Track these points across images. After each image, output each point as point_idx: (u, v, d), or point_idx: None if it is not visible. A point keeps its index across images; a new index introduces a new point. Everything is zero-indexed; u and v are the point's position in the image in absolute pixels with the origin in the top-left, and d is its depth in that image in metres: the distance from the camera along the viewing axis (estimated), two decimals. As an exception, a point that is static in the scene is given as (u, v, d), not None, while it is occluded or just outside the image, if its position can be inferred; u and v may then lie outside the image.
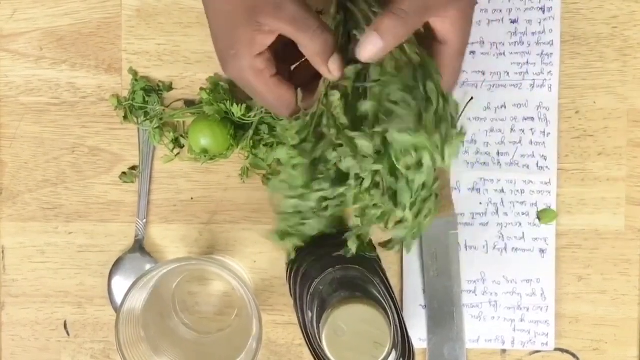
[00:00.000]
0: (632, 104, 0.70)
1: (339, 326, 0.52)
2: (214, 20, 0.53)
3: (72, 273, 0.71)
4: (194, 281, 0.72)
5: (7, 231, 0.71)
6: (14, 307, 0.72)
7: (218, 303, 0.72)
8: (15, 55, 0.71)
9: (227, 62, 0.53)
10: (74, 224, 0.71)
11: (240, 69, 0.53)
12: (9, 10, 0.70)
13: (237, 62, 0.52)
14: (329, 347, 0.52)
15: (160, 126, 0.70)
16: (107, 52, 0.71)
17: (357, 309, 0.52)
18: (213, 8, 0.53)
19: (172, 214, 0.71)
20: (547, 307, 0.70)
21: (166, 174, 0.71)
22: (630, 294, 0.71)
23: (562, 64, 0.70)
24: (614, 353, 0.71)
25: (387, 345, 0.53)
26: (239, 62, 0.52)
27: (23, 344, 0.72)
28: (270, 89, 0.54)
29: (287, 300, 0.69)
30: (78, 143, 0.71)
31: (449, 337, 0.70)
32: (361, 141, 0.50)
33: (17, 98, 0.71)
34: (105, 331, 0.72)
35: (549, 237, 0.70)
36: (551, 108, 0.70)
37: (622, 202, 0.70)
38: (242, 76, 0.53)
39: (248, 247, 0.71)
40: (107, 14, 0.70)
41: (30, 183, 0.71)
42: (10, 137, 0.71)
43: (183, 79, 0.70)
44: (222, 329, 0.72)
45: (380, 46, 0.50)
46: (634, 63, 0.70)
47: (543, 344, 0.71)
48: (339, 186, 0.52)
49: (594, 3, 0.70)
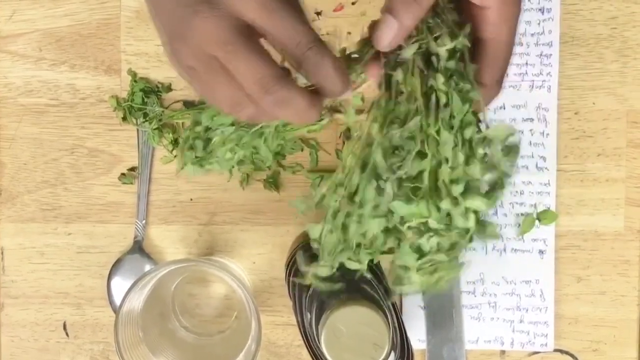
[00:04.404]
0: (632, 105, 0.70)
1: (337, 328, 0.52)
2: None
3: (71, 274, 0.71)
4: (193, 282, 0.72)
5: (7, 232, 0.71)
6: (14, 308, 0.72)
7: (217, 305, 0.72)
8: (14, 56, 0.71)
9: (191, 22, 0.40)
10: (73, 225, 0.71)
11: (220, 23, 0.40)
12: (8, 11, 0.70)
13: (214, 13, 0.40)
14: (328, 348, 0.53)
15: (160, 127, 0.70)
16: (106, 53, 0.71)
17: (356, 311, 0.53)
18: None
19: (171, 215, 0.71)
20: (546, 308, 0.70)
21: (165, 175, 0.71)
22: (630, 295, 0.71)
23: (561, 65, 0.70)
24: (613, 354, 0.71)
25: (385, 346, 0.53)
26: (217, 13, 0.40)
27: (22, 345, 0.72)
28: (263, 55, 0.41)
29: (286, 301, 0.69)
30: (77, 144, 0.71)
31: (448, 338, 0.70)
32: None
33: (16, 99, 0.71)
34: (104, 332, 0.72)
35: (548, 238, 0.70)
36: (550, 109, 0.70)
37: (621, 203, 0.70)
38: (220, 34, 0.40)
39: (247, 248, 0.71)
40: (106, 15, 0.70)
41: (29, 184, 0.71)
42: (9, 138, 0.71)
43: (182, 80, 0.70)
44: (222, 331, 0.72)
45: (396, 28, 0.44)
46: (633, 64, 0.70)
47: (542, 345, 0.71)
48: None
49: (593, 4, 0.70)
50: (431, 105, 0.44)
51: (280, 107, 0.42)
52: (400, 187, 0.44)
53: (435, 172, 0.44)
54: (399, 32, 0.44)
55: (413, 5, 0.44)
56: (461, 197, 0.44)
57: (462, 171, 0.44)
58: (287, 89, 0.42)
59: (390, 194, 0.44)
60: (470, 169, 0.44)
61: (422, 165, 0.44)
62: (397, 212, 0.44)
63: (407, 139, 0.45)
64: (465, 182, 0.44)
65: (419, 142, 0.44)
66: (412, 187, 0.44)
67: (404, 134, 0.44)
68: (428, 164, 0.44)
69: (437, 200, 0.44)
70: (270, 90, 0.41)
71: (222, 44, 0.41)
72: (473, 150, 0.44)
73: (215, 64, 0.42)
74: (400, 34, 0.45)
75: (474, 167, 0.44)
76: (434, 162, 0.44)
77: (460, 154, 0.44)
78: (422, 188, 0.44)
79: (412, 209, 0.44)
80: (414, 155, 0.44)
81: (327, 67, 0.42)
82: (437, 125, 0.44)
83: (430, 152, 0.44)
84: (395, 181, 0.44)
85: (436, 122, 0.44)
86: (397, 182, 0.44)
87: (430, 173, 0.44)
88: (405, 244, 0.46)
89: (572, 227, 0.70)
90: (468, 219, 0.44)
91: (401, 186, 0.44)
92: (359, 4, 0.70)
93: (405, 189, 0.44)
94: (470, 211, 0.44)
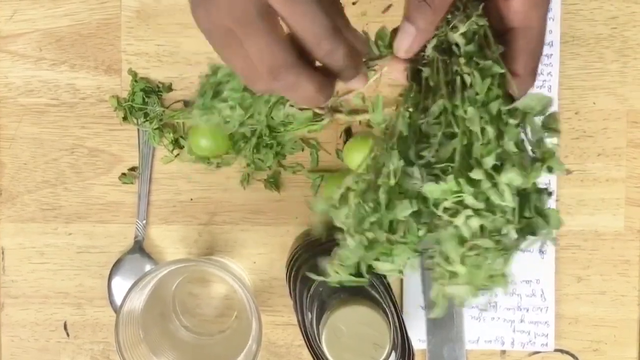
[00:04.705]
0: (632, 105, 0.70)
1: (338, 327, 0.52)
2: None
3: (71, 274, 0.71)
4: (193, 282, 0.72)
5: (7, 232, 0.71)
6: (14, 308, 0.72)
7: (218, 305, 0.72)
8: (14, 56, 0.71)
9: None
10: (73, 224, 0.71)
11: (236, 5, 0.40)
12: (8, 11, 0.70)
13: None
14: (329, 348, 0.53)
15: (160, 127, 0.70)
16: (106, 53, 0.71)
17: (356, 311, 0.53)
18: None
19: (171, 215, 0.71)
20: (546, 308, 0.70)
21: (166, 175, 0.71)
22: (630, 295, 0.71)
23: (561, 65, 0.70)
24: (614, 354, 0.71)
25: (386, 346, 0.53)
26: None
27: (23, 344, 0.72)
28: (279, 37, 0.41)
29: (287, 301, 0.69)
30: (77, 144, 0.71)
31: (448, 337, 0.70)
32: None
33: (16, 99, 0.71)
34: (104, 332, 0.72)
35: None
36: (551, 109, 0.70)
37: (621, 202, 0.70)
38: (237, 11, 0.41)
39: (247, 248, 0.71)
40: (107, 14, 0.70)
41: (29, 184, 0.71)
42: (9, 138, 0.71)
43: (182, 79, 0.70)
44: (222, 331, 0.72)
45: (413, 34, 0.44)
46: (633, 64, 0.70)
47: (543, 345, 0.71)
48: None
49: (593, 4, 0.70)
50: (456, 88, 0.44)
51: (289, 91, 0.43)
52: (431, 172, 0.42)
53: (468, 152, 0.42)
54: (416, 38, 0.45)
55: (427, 11, 0.44)
56: (494, 171, 0.41)
57: (495, 146, 0.42)
58: (295, 75, 0.42)
59: (419, 177, 0.42)
60: (504, 143, 0.42)
61: (451, 145, 0.42)
62: (429, 195, 0.42)
63: (434, 125, 0.43)
64: (499, 155, 0.41)
65: (444, 124, 0.43)
66: (442, 168, 0.42)
67: (430, 121, 0.44)
68: (458, 144, 0.42)
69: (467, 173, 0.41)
70: (279, 77, 0.42)
71: (238, 22, 0.41)
72: (504, 124, 0.42)
73: (233, 36, 0.42)
74: (418, 40, 0.45)
75: (507, 141, 0.42)
76: (465, 142, 0.42)
77: (489, 129, 0.42)
78: (453, 167, 0.42)
79: (443, 186, 0.41)
80: (440, 136, 0.43)
81: (338, 58, 0.42)
82: (463, 106, 0.43)
83: (460, 131, 0.42)
84: (424, 167, 0.43)
85: (462, 102, 0.43)
86: (427, 167, 0.43)
87: (462, 153, 0.42)
88: (444, 231, 0.42)
89: (572, 227, 0.70)
90: (503, 195, 0.41)
91: (432, 171, 0.42)
92: (360, 4, 0.70)
93: (435, 171, 0.42)
94: (505, 185, 0.41)
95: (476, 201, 0.41)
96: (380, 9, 0.48)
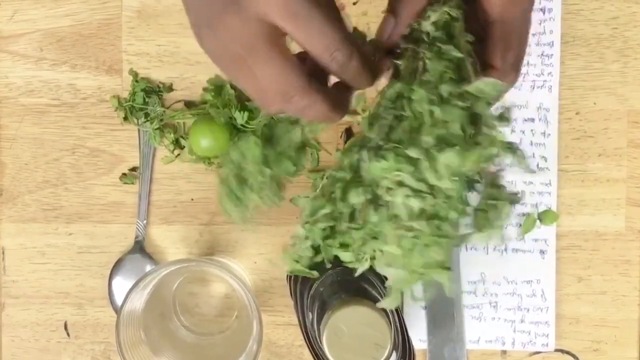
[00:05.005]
0: (632, 105, 0.70)
1: (339, 328, 0.52)
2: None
3: (72, 274, 0.71)
4: (194, 282, 0.72)
5: (8, 232, 0.71)
6: (14, 308, 0.72)
7: (218, 304, 0.72)
8: (15, 56, 0.71)
9: (220, 17, 0.40)
10: (74, 225, 0.71)
11: (245, 26, 0.40)
12: (9, 12, 0.70)
13: (242, 15, 0.39)
14: (330, 348, 0.53)
15: (161, 127, 0.70)
16: (107, 53, 0.71)
17: (357, 311, 0.53)
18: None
19: (172, 215, 0.71)
20: (547, 308, 0.70)
21: (166, 175, 0.71)
22: (631, 295, 0.71)
23: (562, 65, 0.70)
24: (614, 354, 0.71)
25: (387, 346, 0.53)
26: (244, 16, 0.39)
27: (23, 345, 0.72)
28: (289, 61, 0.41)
29: (288, 301, 0.69)
30: (78, 144, 0.71)
31: (449, 338, 0.70)
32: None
33: (17, 99, 0.71)
34: (105, 332, 0.72)
35: (549, 238, 0.70)
36: (551, 109, 0.70)
37: (622, 203, 0.70)
38: (244, 38, 0.40)
39: (248, 248, 0.71)
40: (108, 15, 0.70)
41: (30, 184, 0.71)
42: (10, 138, 0.71)
43: (183, 80, 0.70)
44: (223, 331, 0.72)
45: (392, 22, 0.45)
46: (634, 64, 0.70)
47: (543, 345, 0.71)
48: None
49: (594, 4, 0.70)
50: (418, 74, 0.43)
51: (303, 113, 0.43)
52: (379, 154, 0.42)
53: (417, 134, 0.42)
54: (396, 25, 0.46)
55: (407, 1, 0.46)
56: (436, 151, 0.40)
57: (439, 127, 0.41)
58: (308, 97, 0.42)
59: (366, 160, 0.42)
60: (448, 125, 0.41)
61: (401, 127, 0.42)
62: (370, 173, 0.42)
63: (390, 109, 0.44)
64: (442, 137, 0.41)
65: (399, 108, 0.43)
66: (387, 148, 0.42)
67: (387, 104, 0.44)
68: (407, 125, 0.42)
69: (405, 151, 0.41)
70: (291, 100, 0.42)
71: (246, 48, 0.41)
72: (451, 105, 0.42)
73: (242, 61, 0.41)
74: (398, 27, 0.46)
75: (451, 123, 0.41)
76: (415, 124, 0.42)
77: (436, 110, 0.41)
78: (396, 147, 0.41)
79: (383, 164, 0.41)
80: (391, 119, 0.43)
81: (354, 67, 0.42)
82: (416, 90, 0.42)
83: (409, 112, 0.42)
84: (374, 149, 0.42)
85: (418, 86, 0.43)
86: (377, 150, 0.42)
87: (408, 133, 0.42)
88: (382, 209, 0.41)
89: (573, 227, 0.70)
90: (441, 176, 0.40)
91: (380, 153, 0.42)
92: (360, 3, 0.70)
93: (382, 152, 0.42)
94: (443, 166, 0.40)
95: (415, 181, 0.41)
96: (380, 8, 0.48)
